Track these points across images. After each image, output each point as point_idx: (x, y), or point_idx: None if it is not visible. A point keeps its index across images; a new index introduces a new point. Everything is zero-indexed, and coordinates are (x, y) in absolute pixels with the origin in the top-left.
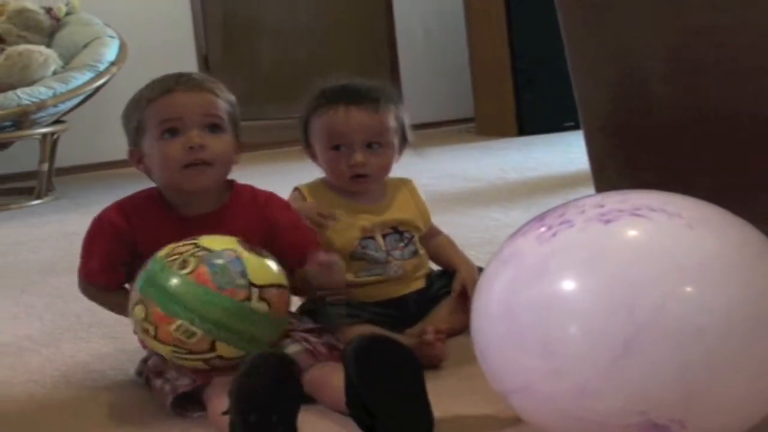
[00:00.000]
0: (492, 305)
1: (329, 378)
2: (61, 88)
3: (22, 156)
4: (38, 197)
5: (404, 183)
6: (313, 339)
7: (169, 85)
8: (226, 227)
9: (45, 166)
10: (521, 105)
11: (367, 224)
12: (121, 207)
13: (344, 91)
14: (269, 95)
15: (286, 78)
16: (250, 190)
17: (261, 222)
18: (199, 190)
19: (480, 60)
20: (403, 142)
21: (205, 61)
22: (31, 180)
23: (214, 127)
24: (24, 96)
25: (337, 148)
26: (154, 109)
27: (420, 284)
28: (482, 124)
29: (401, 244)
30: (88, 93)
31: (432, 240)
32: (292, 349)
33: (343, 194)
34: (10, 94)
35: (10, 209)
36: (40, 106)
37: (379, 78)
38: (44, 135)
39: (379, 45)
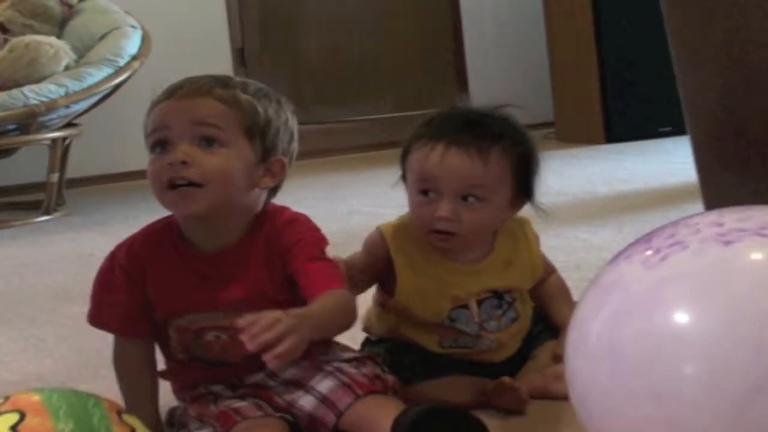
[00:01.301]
0: (591, 342)
1: (376, 416)
2: (74, 85)
3: (29, 165)
4: (47, 212)
5: (520, 227)
6: (350, 370)
7: (174, 87)
8: (238, 267)
9: (55, 177)
10: (609, 108)
11: (460, 293)
12: (132, 245)
13: (453, 124)
14: (316, 95)
15: (334, 76)
16: (279, 211)
17: (277, 255)
18: (188, 216)
19: (561, 58)
20: (522, 197)
21: (240, 56)
22: (39, 192)
23: (208, 141)
24: (31, 95)
25: (425, 192)
26: (150, 117)
27: (515, 346)
28: (564, 129)
29: (499, 312)
30: (106, 92)
31: (540, 287)
32: (325, 385)
33: (433, 244)
34: (15, 92)
35: (13, 226)
36: (50, 106)
37: (440, 76)
38: (54, 140)
39: (443, 40)
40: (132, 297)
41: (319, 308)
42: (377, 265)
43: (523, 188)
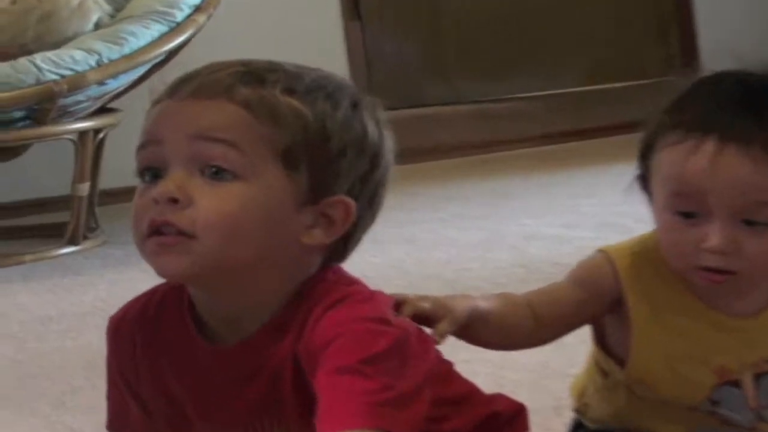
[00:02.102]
0: None
1: None
2: (109, 52)
3: (45, 170)
4: (73, 242)
5: None
6: None
7: (179, 81)
8: (253, 369)
9: (83, 188)
10: None
11: (730, 363)
12: (119, 323)
13: (724, 104)
14: (463, 63)
15: (490, 35)
16: (330, 285)
17: (306, 358)
18: (173, 279)
19: None
20: None
21: (353, 6)
22: (61, 212)
23: (216, 168)
24: (47, 66)
25: (687, 215)
26: (144, 125)
27: None
28: None
29: None
30: (156, 61)
31: None
32: None
33: (691, 286)
34: (22, 63)
35: (26, 262)
36: (75, 83)
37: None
38: (82, 134)
39: None
40: (119, 392)
41: None
42: (593, 306)
43: None
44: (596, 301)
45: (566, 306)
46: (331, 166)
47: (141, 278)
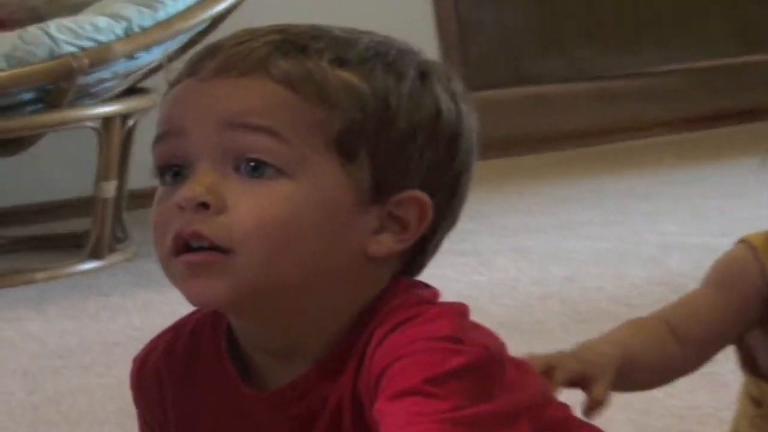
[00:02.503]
0: None
1: None
2: (141, 18)
3: (60, 167)
4: (96, 255)
5: None
6: None
7: (201, 54)
8: (310, 410)
9: (109, 189)
10: None
11: None
12: (145, 360)
13: None
14: (585, 33)
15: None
16: (401, 301)
17: (366, 390)
18: (209, 307)
19: None
20: None
21: None
22: (81, 218)
23: (254, 162)
24: (63, 35)
25: None
26: (160, 112)
27: None
28: None
29: None
30: (200, 28)
31: None
32: None
33: None
34: (32, 32)
35: (37, 281)
36: (99, 57)
37: None
38: (107, 121)
39: None
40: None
41: None
42: (742, 309)
43: None
44: (744, 301)
45: (710, 316)
46: (398, 154)
47: (181, 299)
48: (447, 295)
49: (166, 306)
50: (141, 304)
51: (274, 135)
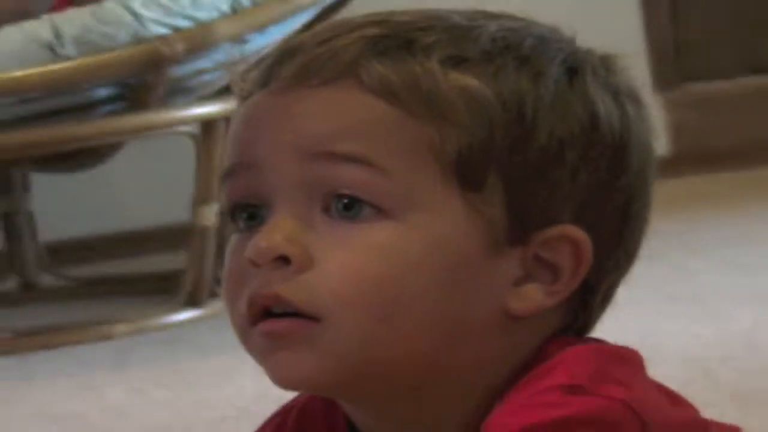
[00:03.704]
0: None
1: None
2: None
3: (145, 186)
4: (193, 302)
5: None
6: None
7: (277, 57)
8: None
9: (209, 214)
10: None
11: None
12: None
13: None
14: None
15: None
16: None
17: None
18: (297, 390)
19: None
20: None
21: None
22: (171, 253)
23: (347, 200)
24: (150, 13)
25: None
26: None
27: None
28: None
29: None
30: (327, 3)
31: None
32: None
33: None
34: (111, 7)
35: (115, 337)
36: (197, 40)
37: None
38: (206, 125)
39: None
40: None
41: None
42: None
43: None
44: None
45: None
46: (540, 179)
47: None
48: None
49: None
50: (253, 367)
51: (369, 164)
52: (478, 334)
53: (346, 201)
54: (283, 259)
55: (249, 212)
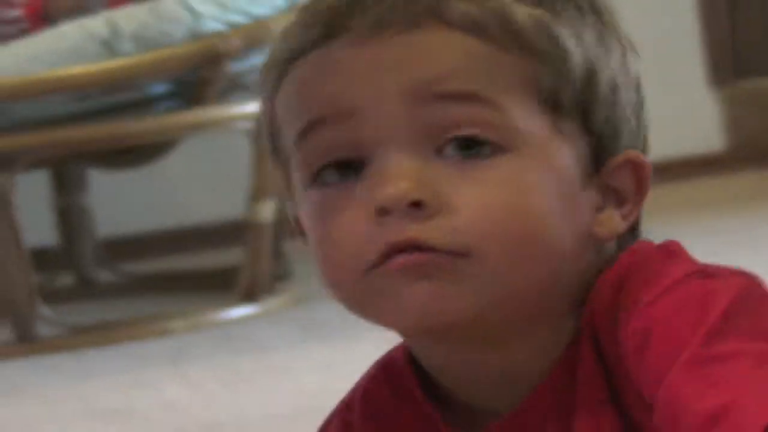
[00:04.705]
0: None
1: None
2: None
3: (201, 182)
4: (250, 298)
5: None
6: None
7: (336, 10)
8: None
9: (266, 211)
10: None
11: None
12: (347, 415)
13: None
14: None
15: None
16: (622, 265)
17: (617, 376)
18: (442, 328)
19: None
20: None
21: None
22: (228, 249)
23: (468, 141)
24: (206, 8)
25: None
26: (288, 91)
27: None
28: None
29: None
30: None
31: None
32: None
33: None
34: (167, 3)
35: (174, 333)
36: (254, 36)
37: None
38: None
39: None
40: None
41: None
42: None
43: None
44: None
45: None
46: (608, 108)
47: (369, 354)
48: None
49: (348, 365)
50: (313, 364)
51: (483, 101)
52: (574, 261)
53: (464, 140)
54: (416, 205)
55: (342, 165)
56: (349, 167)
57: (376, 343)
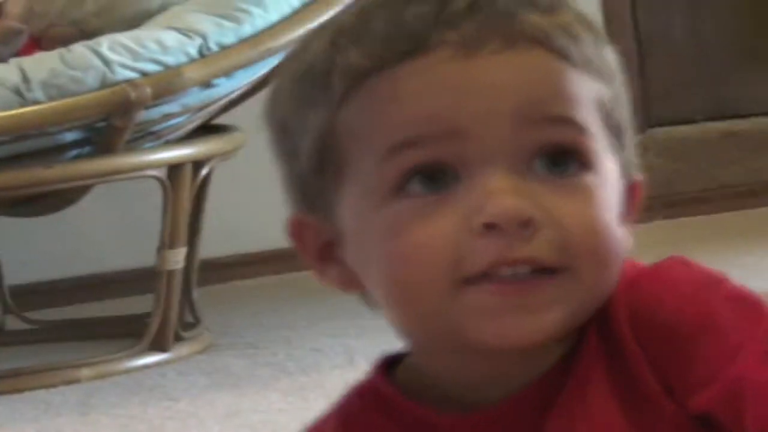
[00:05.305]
0: None
1: None
2: (220, 33)
3: (111, 230)
4: (159, 346)
5: None
6: None
7: (421, 25)
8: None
9: (176, 258)
10: None
11: None
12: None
13: None
14: None
15: None
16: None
17: (634, 369)
18: (521, 347)
19: None
20: None
21: None
22: (137, 296)
23: (559, 159)
24: (118, 57)
25: None
26: (367, 105)
27: None
28: None
29: None
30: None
31: None
32: None
33: None
34: (80, 51)
35: (80, 380)
36: (165, 85)
37: None
38: (173, 169)
39: None
40: None
41: None
42: None
43: None
44: None
45: None
46: (627, 129)
47: (277, 404)
48: None
49: (255, 414)
50: (221, 412)
51: (575, 124)
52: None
53: (555, 158)
54: (526, 223)
55: (427, 177)
56: (438, 180)
57: (284, 392)
